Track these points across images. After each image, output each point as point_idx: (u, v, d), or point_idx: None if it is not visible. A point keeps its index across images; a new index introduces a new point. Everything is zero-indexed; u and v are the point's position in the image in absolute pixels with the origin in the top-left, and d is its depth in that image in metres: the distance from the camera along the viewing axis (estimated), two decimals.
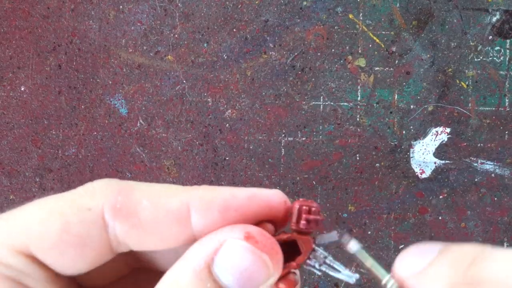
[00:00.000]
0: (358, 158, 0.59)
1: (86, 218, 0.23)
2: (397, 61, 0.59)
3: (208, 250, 0.22)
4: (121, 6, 0.59)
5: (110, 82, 0.59)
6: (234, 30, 0.59)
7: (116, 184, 0.24)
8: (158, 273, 0.28)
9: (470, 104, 0.59)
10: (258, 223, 0.24)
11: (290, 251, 0.24)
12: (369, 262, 0.23)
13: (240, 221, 0.23)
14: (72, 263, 0.24)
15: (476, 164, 0.59)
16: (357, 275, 0.24)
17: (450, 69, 0.59)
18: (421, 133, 0.59)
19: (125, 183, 0.25)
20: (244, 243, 0.23)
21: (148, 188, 0.24)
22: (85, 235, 0.24)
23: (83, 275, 0.26)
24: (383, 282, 0.23)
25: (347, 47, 0.59)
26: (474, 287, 0.20)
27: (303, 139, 0.59)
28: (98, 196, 0.24)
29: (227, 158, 0.59)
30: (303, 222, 0.24)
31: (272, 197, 0.24)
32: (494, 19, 0.59)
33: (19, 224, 0.24)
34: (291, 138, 0.59)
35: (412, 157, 0.59)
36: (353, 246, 0.24)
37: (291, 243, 0.24)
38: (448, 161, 0.59)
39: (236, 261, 0.22)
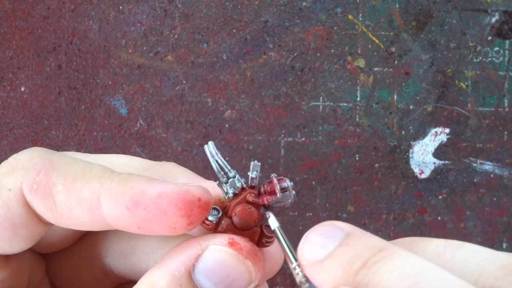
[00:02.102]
0: (357, 158, 0.59)
1: (8, 198, 0.23)
2: (396, 62, 0.59)
3: (189, 255, 0.22)
4: (121, 7, 0.60)
5: (110, 83, 0.60)
6: (234, 30, 0.59)
7: (38, 159, 0.24)
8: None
9: (469, 105, 0.59)
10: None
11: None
12: (283, 243, 0.22)
13: (150, 220, 0.22)
14: (11, 245, 0.24)
15: (475, 165, 0.59)
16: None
17: (449, 70, 0.59)
18: (421, 134, 0.59)
19: (46, 157, 0.24)
20: (228, 249, 0.22)
21: (67, 170, 0.23)
22: (12, 214, 0.23)
23: (62, 281, 0.26)
24: (292, 266, 0.22)
25: (346, 48, 0.59)
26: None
27: (303, 139, 0.59)
28: (18, 173, 0.24)
29: (226, 159, 0.59)
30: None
31: (184, 195, 0.22)
32: (493, 19, 0.59)
33: None
34: (291, 139, 0.59)
35: (411, 158, 0.59)
36: (272, 223, 0.24)
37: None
38: (447, 162, 0.59)
39: (218, 267, 0.22)
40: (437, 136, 0.59)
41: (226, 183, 0.23)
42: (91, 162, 0.24)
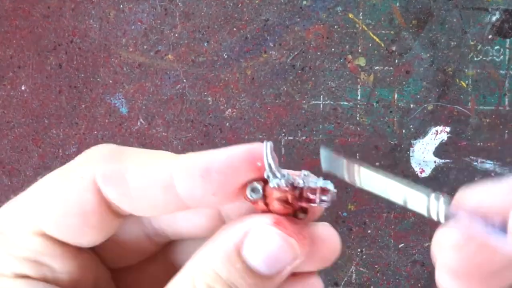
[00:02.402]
0: (358, 157, 0.59)
1: (80, 186, 0.24)
2: (397, 60, 0.59)
3: (238, 234, 0.23)
4: (121, 6, 0.59)
5: (111, 81, 0.60)
6: (234, 29, 0.59)
7: (107, 151, 0.25)
8: (188, 248, 0.29)
9: (470, 103, 0.59)
10: (245, 185, 0.24)
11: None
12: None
13: (224, 182, 0.23)
14: (81, 233, 0.25)
15: (476, 163, 0.59)
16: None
17: (450, 68, 0.59)
18: (421, 132, 0.59)
19: (116, 150, 0.25)
20: (273, 228, 0.23)
21: (136, 156, 0.25)
22: (83, 202, 0.24)
23: (106, 253, 0.27)
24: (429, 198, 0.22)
25: (347, 46, 0.59)
26: None
27: (303, 138, 0.59)
28: (90, 163, 0.25)
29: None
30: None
31: (250, 151, 0.24)
32: (494, 18, 0.59)
33: (26, 205, 0.25)
34: (291, 137, 0.59)
35: (412, 156, 0.59)
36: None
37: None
38: (448, 160, 0.59)
39: (264, 243, 0.23)
40: (437, 135, 0.59)
41: (273, 179, 0.25)
42: (160, 151, 0.26)
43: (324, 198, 0.25)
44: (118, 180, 0.24)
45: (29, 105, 0.60)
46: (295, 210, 0.25)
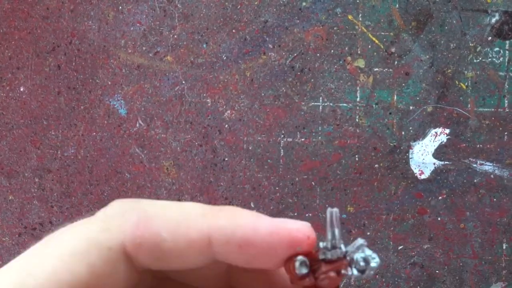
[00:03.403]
0: (357, 159, 0.59)
1: (109, 257, 0.23)
2: (396, 62, 0.59)
3: None
4: (120, 7, 0.59)
5: (109, 83, 0.59)
6: (234, 30, 0.59)
7: (132, 214, 0.24)
8: (185, 285, 0.28)
9: (469, 105, 0.59)
10: (289, 258, 0.23)
11: None
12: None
13: (261, 256, 0.23)
14: None
15: (475, 165, 0.59)
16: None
17: (449, 70, 0.59)
18: (420, 134, 0.59)
19: (140, 209, 0.24)
20: None
21: (165, 216, 0.23)
22: (112, 271, 0.23)
23: None
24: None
25: (346, 48, 0.59)
26: None
27: (302, 140, 0.59)
28: (115, 231, 0.23)
29: (226, 159, 0.59)
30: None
31: (295, 233, 0.23)
32: (494, 20, 0.59)
33: (42, 274, 0.23)
34: (290, 139, 0.59)
35: (411, 158, 0.59)
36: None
37: None
38: (447, 162, 0.59)
39: None
40: (437, 137, 0.59)
41: (329, 250, 0.23)
42: (179, 202, 0.25)
43: (369, 272, 0.24)
44: (151, 247, 0.23)
45: (28, 106, 0.60)
46: None
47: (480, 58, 0.59)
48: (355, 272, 0.23)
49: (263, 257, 0.22)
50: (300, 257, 0.23)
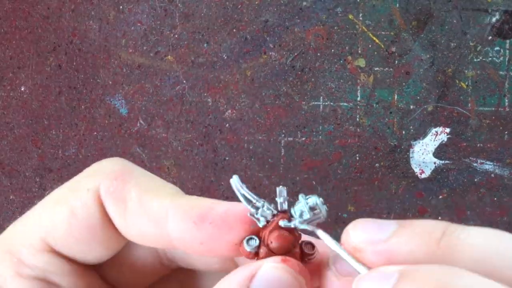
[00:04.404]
0: (357, 158, 0.59)
1: (86, 199, 0.24)
2: (396, 62, 0.59)
3: (244, 276, 0.22)
4: (121, 7, 0.59)
5: (110, 82, 0.60)
6: (234, 30, 0.59)
7: (118, 166, 0.25)
8: (200, 273, 0.28)
9: (469, 104, 0.59)
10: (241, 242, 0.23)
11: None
12: (346, 255, 0.22)
13: (214, 235, 0.23)
14: (88, 248, 0.25)
15: (475, 164, 0.59)
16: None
17: (449, 70, 0.59)
18: (421, 133, 0.59)
19: (128, 168, 0.25)
20: (283, 265, 0.23)
21: (143, 181, 0.25)
22: (89, 215, 0.24)
23: (115, 274, 0.27)
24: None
25: (346, 48, 0.59)
26: (451, 255, 0.19)
27: (303, 139, 0.59)
28: (98, 176, 0.25)
29: (227, 158, 0.59)
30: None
31: (240, 212, 0.23)
32: (494, 19, 0.59)
33: (34, 221, 0.25)
34: (291, 138, 0.59)
35: (411, 157, 0.59)
36: (327, 241, 0.23)
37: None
38: (447, 161, 0.59)
39: (275, 283, 0.22)
40: (437, 136, 0.59)
41: (256, 213, 0.24)
42: (167, 182, 0.26)
43: (312, 204, 0.24)
44: (118, 198, 0.24)
45: (29, 106, 0.60)
46: (302, 255, 0.24)
47: (481, 58, 0.59)
48: (302, 217, 0.23)
49: (216, 236, 0.23)
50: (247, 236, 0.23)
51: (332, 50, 0.59)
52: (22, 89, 0.60)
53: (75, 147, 0.60)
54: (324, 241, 0.23)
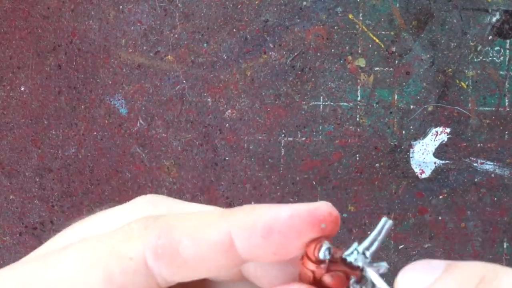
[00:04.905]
0: (358, 158, 0.59)
1: (129, 267, 0.23)
2: (397, 61, 0.59)
3: None
4: (121, 6, 0.59)
5: (110, 82, 0.59)
6: (234, 30, 0.59)
7: (154, 224, 0.23)
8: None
9: (470, 104, 0.59)
10: (312, 240, 0.23)
11: None
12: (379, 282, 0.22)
13: (286, 243, 0.22)
14: None
15: (476, 164, 0.59)
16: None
17: (450, 69, 0.59)
18: (421, 133, 0.59)
19: (163, 222, 0.23)
20: None
21: (185, 222, 0.23)
22: (129, 284, 0.23)
23: None
24: None
25: (347, 47, 0.59)
26: None
27: (303, 139, 0.59)
28: (137, 241, 0.23)
29: (227, 158, 0.59)
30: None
31: (315, 210, 0.23)
32: (494, 19, 0.59)
33: (60, 274, 0.23)
34: (291, 138, 0.59)
35: (412, 157, 0.59)
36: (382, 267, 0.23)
37: None
38: (448, 161, 0.59)
39: None
40: (437, 136, 0.59)
41: (357, 254, 0.23)
42: (192, 205, 0.25)
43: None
44: (172, 256, 0.22)
45: (29, 106, 0.60)
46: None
47: (481, 57, 0.59)
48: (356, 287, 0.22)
49: (287, 243, 0.22)
50: (327, 242, 0.22)
51: (332, 50, 0.59)
52: (22, 89, 0.60)
53: (75, 147, 0.59)
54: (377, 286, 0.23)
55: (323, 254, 0.22)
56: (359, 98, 0.59)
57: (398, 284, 0.21)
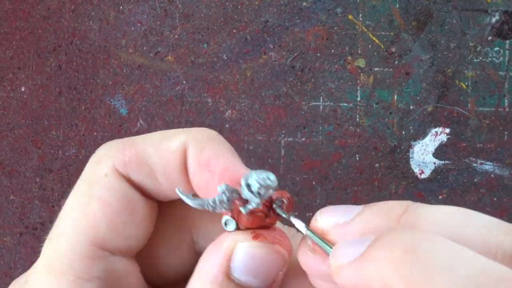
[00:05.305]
0: (357, 158, 0.59)
1: (109, 182, 0.25)
2: (396, 62, 0.59)
3: (222, 259, 0.23)
4: (121, 7, 0.60)
5: (110, 83, 0.60)
6: (234, 30, 0.59)
7: (119, 143, 0.26)
8: None
9: (469, 105, 0.59)
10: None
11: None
12: (316, 239, 0.22)
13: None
14: (132, 228, 0.25)
15: (475, 165, 0.59)
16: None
17: (449, 70, 0.59)
18: (421, 134, 0.59)
19: (126, 140, 0.26)
20: (254, 242, 0.23)
21: (148, 138, 0.26)
22: (121, 195, 0.25)
23: (149, 269, 0.27)
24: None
25: (346, 48, 0.59)
26: (411, 229, 0.19)
27: (303, 139, 0.59)
28: (106, 160, 0.25)
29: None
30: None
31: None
32: (494, 19, 0.59)
33: (79, 230, 0.26)
34: (291, 139, 0.59)
35: (411, 158, 0.59)
36: (300, 227, 0.24)
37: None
38: (447, 162, 0.59)
39: (252, 261, 0.23)
40: (437, 136, 0.59)
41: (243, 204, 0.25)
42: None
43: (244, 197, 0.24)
44: (139, 162, 0.25)
45: (29, 106, 0.60)
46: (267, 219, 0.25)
47: (480, 58, 0.59)
48: (251, 203, 0.24)
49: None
50: (224, 185, 0.25)
51: (332, 51, 0.59)
52: (22, 89, 0.60)
53: (75, 147, 0.60)
54: (295, 225, 0.24)
55: (222, 191, 0.25)
56: (359, 99, 0.59)
57: (316, 219, 0.22)
